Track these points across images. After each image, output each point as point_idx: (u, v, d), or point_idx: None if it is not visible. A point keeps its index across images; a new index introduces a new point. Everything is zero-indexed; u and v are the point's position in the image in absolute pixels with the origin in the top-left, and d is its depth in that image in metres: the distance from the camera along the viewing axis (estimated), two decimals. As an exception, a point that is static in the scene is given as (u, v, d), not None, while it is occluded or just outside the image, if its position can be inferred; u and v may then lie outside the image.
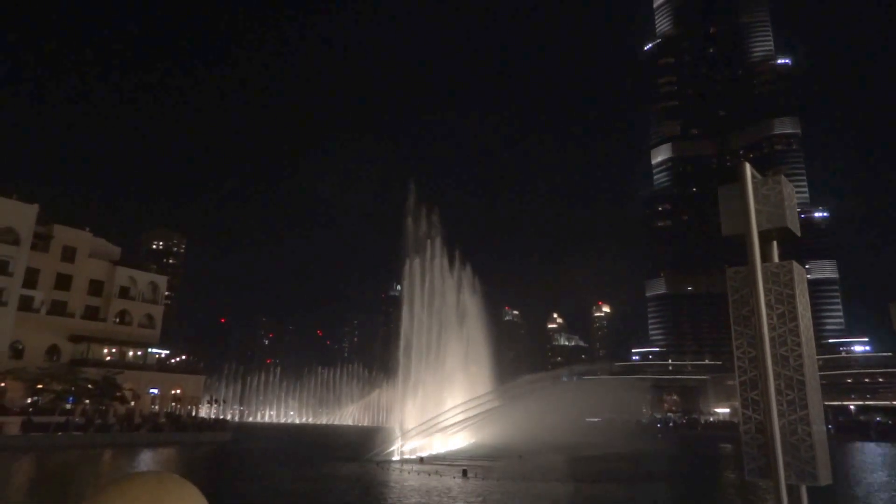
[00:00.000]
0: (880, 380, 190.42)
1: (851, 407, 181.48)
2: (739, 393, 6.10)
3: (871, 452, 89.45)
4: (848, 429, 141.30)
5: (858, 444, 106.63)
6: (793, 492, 5.82)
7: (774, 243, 6.46)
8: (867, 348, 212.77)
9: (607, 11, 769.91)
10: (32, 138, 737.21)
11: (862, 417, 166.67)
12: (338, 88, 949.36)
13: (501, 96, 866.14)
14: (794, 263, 6.08)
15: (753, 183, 6.26)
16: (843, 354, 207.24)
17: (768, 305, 5.99)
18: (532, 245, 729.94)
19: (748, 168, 6.30)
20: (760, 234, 6.17)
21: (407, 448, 61.77)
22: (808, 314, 6.16)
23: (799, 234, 6.36)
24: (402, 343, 70.83)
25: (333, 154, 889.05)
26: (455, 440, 68.29)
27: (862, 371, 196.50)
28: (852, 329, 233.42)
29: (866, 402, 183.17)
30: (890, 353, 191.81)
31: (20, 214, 79.68)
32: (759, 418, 5.89)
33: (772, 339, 5.92)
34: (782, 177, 6.32)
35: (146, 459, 57.71)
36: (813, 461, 5.62)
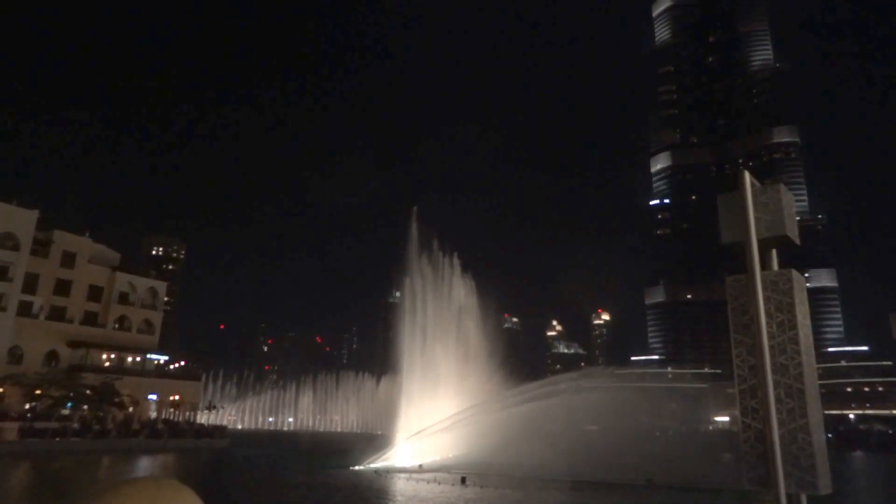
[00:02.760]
0: (880, 389, 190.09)
1: (851, 416, 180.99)
2: (739, 401, 6.09)
3: (870, 462, 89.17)
4: (847, 438, 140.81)
5: (858, 454, 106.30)
6: (793, 501, 5.80)
7: (774, 252, 6.46)
8: (867, 357, 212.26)
9: (607, 20, 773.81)
10: (33, 143, 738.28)
11: (862, 427, 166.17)
12: (340, 97, 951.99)
13: (501, 105, 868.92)
14: (794, 272, 6.09)
15: (753, 191, 6.28)
16: (843, 363, 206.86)
17: (768, 314, 5.98)
18: (532, 252, 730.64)
19: (747, 176, 6.31)
20: (760, 242, 6.17)
21: (406, 455, 61.56)
22: (808, 323, 6.15)
23: (798, 242, 6.36)
24: (400, 351, 70.60)
25: (334, 162, 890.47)
26: (454, 449, 68.02)
27: (861, 380, 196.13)
28: (852, 338, 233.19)
29: (866, 412, 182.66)
30: (890, 362, 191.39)
31: (20, 220, 79.71)
32: (758, 427, 5.88)
33: (771, 348, 5.92)
34: (781, 185, 6.33)
35: (144, 465, 57.49)
36: (813, 470, 5.61)
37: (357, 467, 56.02)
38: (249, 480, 49.36)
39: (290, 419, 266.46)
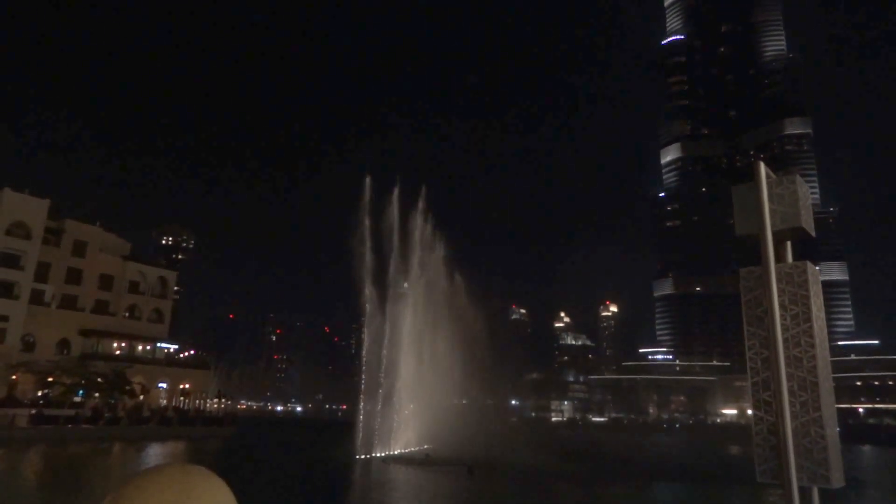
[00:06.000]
0: (890, 383, 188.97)
1: (860, 410, 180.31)
2: (752, 394, 6.06)
3: (880, 456, 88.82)
4: (857, 432, 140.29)
5: (867, 448, 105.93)
6: (805, 494, 5.78)
7: (788, 244, 6.40)
8: (878, 351, 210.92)
9: (618, 9, 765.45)
10: (44, 133, 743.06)
11: (871, 420, 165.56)
12: (347, 87, 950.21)
13: (509, 93, 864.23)
14: (809, 264, 6.03)
15: (768, 182, 6.21)
16: (853, 357, 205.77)
17: (782, 306, 5.94)
18: (540, 243, 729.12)
19: (763, 167, 6.25)
20: (774, 234, 6.12)
21: (412, 445, 61.94)
22: (823, 315, 6.10)
23: (814, 234, 6.31)
24: (400, 341, 70.56)
25: (342, 150, 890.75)
26: (456, 437, 68.22)
27: (872, 374, 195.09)
28: (862, 331, 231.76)
29: (876, 405, 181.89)
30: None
31: (32, 209, 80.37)
32: (771, 420, 5.85)
33: (785, 341, 5.88)
34: (797, 176, 6.26)
35: (155, 453, 58.11)
36: (826, 463, 5.58)
37: (363, 456, 56.33)
38: (255, 470, 49.73)
39: (299, 408, 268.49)
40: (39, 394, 74.87)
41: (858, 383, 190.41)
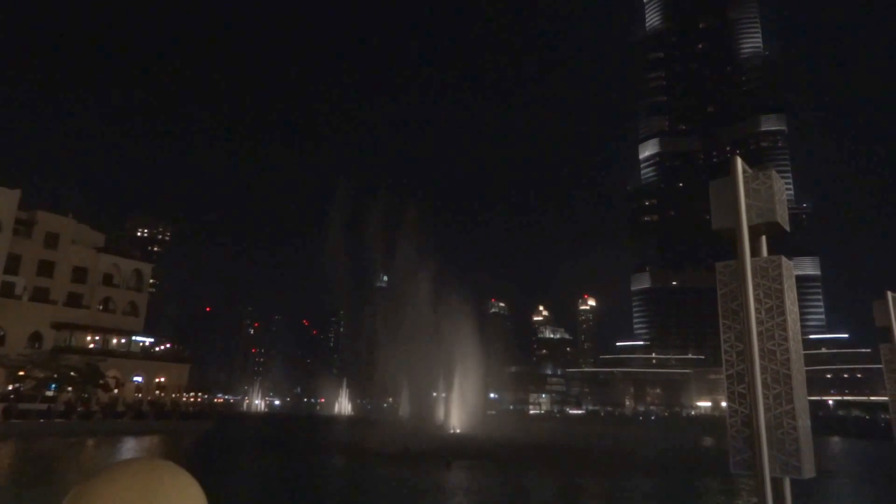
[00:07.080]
0: (859, 375, 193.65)
1: (830, 402, 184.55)
2: (726, 386, 6.14)
3: (848, 447, 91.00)
4: (826, 424, 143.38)
5: (836, 439, 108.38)
6: (776, 485, 5.87)
7: (763, 238, 6.48)
8: (847, 344, 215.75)
9: (597, 5, 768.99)
10: (15, 123, 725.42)
11: (840, 412, 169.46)
12: (328, 76, 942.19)
13: (487, 88, 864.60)
14: (783, 258, 6.12)
15: (744, 177, 6.28)
16: (824, 350, 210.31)
17: (757, 300, 6.02)
18: (519, 238, 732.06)
19: (740, 162, 6.31)
20: (750, 228, 6.19)
21: (390, 437, 61.95)
22: (796, 309, 6.20)
23: (788, 229, 6.39)
24: (381, 335, 70.60)
25: (319, 142, 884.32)
26: (440, 429, 68.49)
27: (841, 367, 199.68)
28: (832, 325, 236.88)
29: (845, 398, 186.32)
30: (869, 350, 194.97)
31: (2, 200, 78.47)
32: (745, 412, 5.93)
33: (759, 334, 5.96)
34: (773, 172, 6.33)
35: (129, 447, 57.37)
36: (797, 455, 5.68)
37: (343, 450, 56.18)
38: (231, 464, 49.37)
39: (277, 401, 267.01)
40: (10, 388, 73.34)
41: (828, 376, 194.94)
